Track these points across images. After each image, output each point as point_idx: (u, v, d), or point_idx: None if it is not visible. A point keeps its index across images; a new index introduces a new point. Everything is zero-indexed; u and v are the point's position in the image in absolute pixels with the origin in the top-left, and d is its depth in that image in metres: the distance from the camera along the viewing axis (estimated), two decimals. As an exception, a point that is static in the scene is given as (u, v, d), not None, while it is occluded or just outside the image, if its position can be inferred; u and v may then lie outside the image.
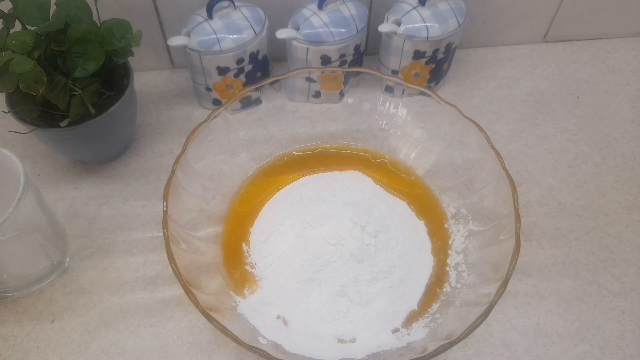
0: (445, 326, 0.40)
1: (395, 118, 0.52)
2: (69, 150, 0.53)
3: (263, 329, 0.41)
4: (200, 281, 0.40)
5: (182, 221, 0.42)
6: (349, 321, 0.41)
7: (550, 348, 0.44)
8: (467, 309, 0.39)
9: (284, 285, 0.43)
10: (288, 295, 0.43)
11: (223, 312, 0.40)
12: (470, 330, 0.36)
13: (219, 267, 0.45)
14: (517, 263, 0.39)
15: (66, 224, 0.51)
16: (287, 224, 0.46)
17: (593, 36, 0.68)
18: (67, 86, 0.45)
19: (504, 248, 0.40)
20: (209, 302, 0.38)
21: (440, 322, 0.41)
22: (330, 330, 0.41)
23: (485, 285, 0.40)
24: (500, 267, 0.39)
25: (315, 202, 0.47)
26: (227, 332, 0.35)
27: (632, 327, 0.45)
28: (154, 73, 0.64)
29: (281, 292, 0.43)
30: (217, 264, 0.45)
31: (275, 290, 0.43)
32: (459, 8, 0.55)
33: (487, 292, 0.38)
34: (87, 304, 0.46)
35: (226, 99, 0.59)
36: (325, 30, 0.53)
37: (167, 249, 0.37)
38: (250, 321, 0.41)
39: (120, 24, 0.47)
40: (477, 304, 0.39)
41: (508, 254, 0.39)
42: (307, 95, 0.52)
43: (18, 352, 0.43)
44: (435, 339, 0.39)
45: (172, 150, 0.57)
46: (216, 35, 0.52)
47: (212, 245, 0.46)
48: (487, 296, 0.38)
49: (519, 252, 0.39)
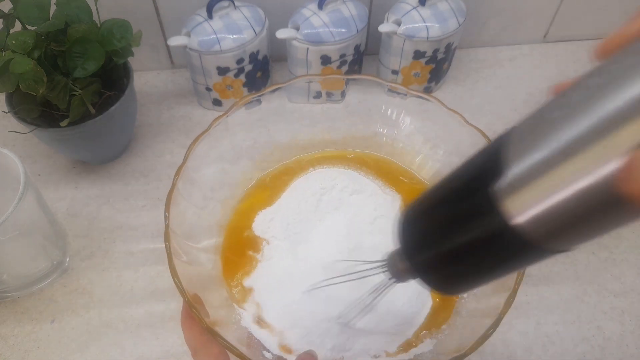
0: (453, 338, 0.39)
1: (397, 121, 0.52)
2: (69, 150, 0.53)
3: (268, 343, 0.41)
4: (204, 294, 0.39)
5: (182, 232, 0.41)
6: (349, 340, 0.41)
7: (550, 348, 0.44)
8: (475, 319, 0.39)
9: (282, 303, 0.42)
10: (286, 314, 0.42)
11: (227, 325, 0.40)
12: (480, 342, 0.35)
13: (220, 279, 0.44)
14: (525, 272, 0.37)
15: (66, 224, 0.51)
16: (281, 242, 0.45)
17: (593, 36, 0.68)
18: (67, 86, 0.45)
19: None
20: (213, 315, 0.37)
21: (447, 333, 0.41)
22: (329, 346, 0.41)
23: (493, 296, 0.39)
24: (508, 276, 0.39)
25: (312, 210, 0.46)
26: (232, 348, 0.34)
27: (632, 327, 0.45)
28: (154, 73, 0.64)
29: (279, 310, 0.42)
30: (218, 276, 0.44)
31: (273, 308, 0.42)
32: (459, 8, 0.55)
33: (495, 303, 0.38)
34: (87, 304, 0.46)
35: (226, 99, 0.59)
36: (325, 30, 0.53)
37: (169, 262, 0.36)
38: (255, 335, 0.41)
39: (120, 24, 0.47)
40: (484, 315, 0.38)
41: None
42: (308, 96, 0.52)
43: (18, 352, 0.43)
44: (442, 351, 0.38)
45: (172, 150, 0.57)
46: (216, 35, 0.52)
47: (213, 256, 0.45)
48: (495, 307, 0.37)
49: None
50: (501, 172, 0.18)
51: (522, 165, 0.17)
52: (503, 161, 0.18)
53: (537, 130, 0.18)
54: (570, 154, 0.16)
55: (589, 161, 0.16)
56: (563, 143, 0.16)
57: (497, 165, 0.18)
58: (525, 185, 0.17)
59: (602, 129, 0.16)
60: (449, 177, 0.21)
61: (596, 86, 0.17)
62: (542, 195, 0.17)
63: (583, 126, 0.16)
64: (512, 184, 0.17)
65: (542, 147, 0.17)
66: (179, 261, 0.37)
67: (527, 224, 0.17)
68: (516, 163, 0.18)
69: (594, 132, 0.16)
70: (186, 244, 0.41)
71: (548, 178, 0.17)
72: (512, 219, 0.18)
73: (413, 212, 0.23)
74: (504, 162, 0.18)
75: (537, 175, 0.17)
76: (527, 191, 0.17)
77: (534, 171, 0.17)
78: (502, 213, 0.18)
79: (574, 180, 0.16)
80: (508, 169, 0.18)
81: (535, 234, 0.17)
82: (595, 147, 0.16)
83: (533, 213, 0.17)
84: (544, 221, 0.17)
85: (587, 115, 0.16)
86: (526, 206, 0.17)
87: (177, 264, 0.37)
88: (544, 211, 0.17)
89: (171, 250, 0.37)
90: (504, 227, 0.18)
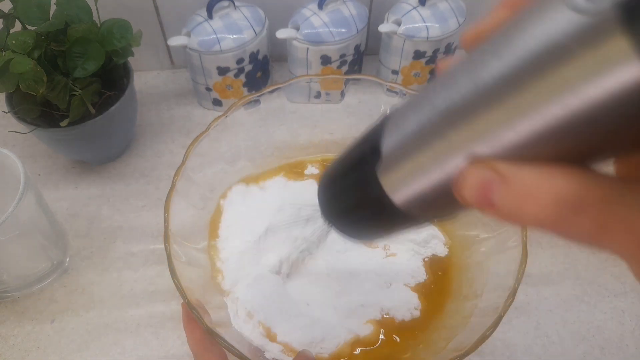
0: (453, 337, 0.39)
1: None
2: (69, 150, 0.53)
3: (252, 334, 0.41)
4: (204, 295, 0.39)
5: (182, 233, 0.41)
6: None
7: (550, 348, 0.44)
8: (475, 319, 0.39)
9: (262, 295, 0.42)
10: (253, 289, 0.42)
11: (227, 326, 0.40)
12: (480, 342, 0.35)
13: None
14: (525, 272, 0.37)
15: (66, 224, 0.51)
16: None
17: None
18: (67, 86, 0.45)
19: (511, 256, 0.39)
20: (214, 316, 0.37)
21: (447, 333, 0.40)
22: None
23: (493, 296, 0.39)
24: (508, 276, 0.38)
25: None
26: (232, 349, 0.34)
27: (632, 327, 0.45)
28: (154, 73, 0.64)
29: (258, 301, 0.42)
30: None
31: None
32: (459, 8, 0.55)
33: (494, 303, 0.38)
34: (87, 304, 0.46)
35: (226, 99, 0.59)
36: (325, 30, 0.53)
37: (169, 264, 0.36)
38: (238, 329, 0.41)
39: (120, 24, 0.47)
40: (484, 315, 0.38)
41: (515, 263, 0.38)
42: (309, 96, 0.52)
43: (18, 352, 0.43)
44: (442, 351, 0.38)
45: (172, 150, 0.57)
46: (216, 35, 0.52)
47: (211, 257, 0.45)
48: (495, 307, 0.37)
49: (526, 262, 0.38)
50: (379, 153, 0.20)
51: (390, 148, 0.20)
52: (381, 142, 0.21)
53: (404, 115, 0.20)
54: (422, 144, 0.18)
55: (435, 153, 0.18)
56: (418, 131, 0.18)
57: (377, 144, 0.21)
58: (393, 167, 0.20)
59: (447, 125, 0.17)
60: (350, 150, 0.24)
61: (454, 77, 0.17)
62: (402, 177, 0.20)
63: (434, 115, 0.17)
64: (385, 164, 0.20)
65: (404, 132, 0.19)
66: (178, 262, 0.37)
67: (397, 199, 0.20)
68: (386, 146, 0.20)
69: (440, 125, 0.17)
70: (185, 244, 0.41)
71: (405, 163, 0.19)
72: (389, 193, 0.21)
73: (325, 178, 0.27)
74: (381, 143, 0.20)
75: (399, 159, 0.20)
76: (394, 172, 0.20)
77: (396, 156, 0.20)
78: (381, 186, 0.21)
79: (424, 168, 0.18)
80: (382, 150, 0.20)
81: (405, 205, 0.20)
82: (441, 142, 0.17)
83: (399, 190, 0.20)
84: (407, 197, 0.20)
85: (436, 107, 0.17)
86: (393, 183, 0.20)
87: (176, 265, 0.37)
88: (405, 189, 0.20)
89: (171, 251, 0.37)
90: (383, 196, 0.21)
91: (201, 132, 0.43)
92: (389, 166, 0.20)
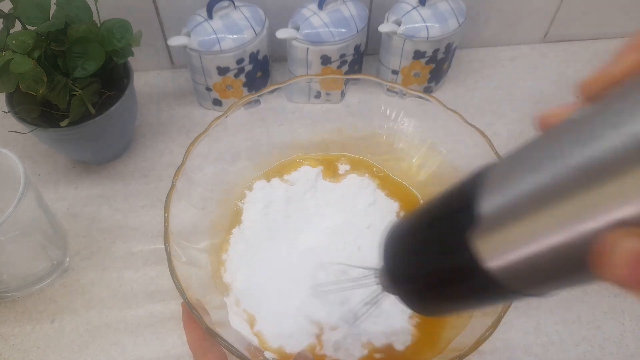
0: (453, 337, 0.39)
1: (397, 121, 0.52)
2: (69, 150, 0.53)
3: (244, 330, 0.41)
4: (204, 295, 0.39)
5: (182, 233, 0.41)
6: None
7: (550, 348, 0.44)
8: (475, 319, 0.38)
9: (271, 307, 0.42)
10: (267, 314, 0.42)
11: (227, 326, 0.40)
12: (480, 342, 0.35)
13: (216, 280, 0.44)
14: None
15: (66, 224, 0.51)
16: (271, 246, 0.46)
17: (593, 36, 0.68)
18: (67, 86, 0.45)
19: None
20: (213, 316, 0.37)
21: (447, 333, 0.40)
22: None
23: None
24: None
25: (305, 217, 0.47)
26: (232, 348, 0.34)
27: (632, 327, 0.45)
28: (154, 73, 0.64)
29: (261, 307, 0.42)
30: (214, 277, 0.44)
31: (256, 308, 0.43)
32: (459, 8, 0.55)
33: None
34: (87, 304, 0.46)
35: (226, 99, 0.59)
36: (325, 30, 0.53)
37: (169, 264, 0.36)
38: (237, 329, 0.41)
39: (120, 24, 0.47)
40: (484, 315, 0.37)
41: None
42: (308, 96, 0.52)
43: (18, 352, 0.43)
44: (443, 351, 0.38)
45: (172, 150, 0.57)
46: (216, 35, 0.52)
47: (211, 257, 0.45)
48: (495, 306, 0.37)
49: None
50: (475, 215, 0.17)
51: (496, 210, 0.17)
52: (478, 202, 0.17)
53: (514, 173, 0.17)
54: (543, 206, 0.15)
55: (562, 219, 0.15)
56: (538, 192, 0.15)
57: (472, 205, 0.18)
58: (497, 232, 0.17)
59: (581, 187, 0.14)
60: (430, 206, 0.21)
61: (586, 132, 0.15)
62: (511, 244, 0.16)
63: (563, 177, 0.15)
64: (485, 227, 0.17)
65: (516, 192, 0.16)
66: (178, 262, 0.37)
67: (496, 268, 0.17)
68: (490, 207, 0.17)
69: (572, 186, 0.14)
70: (185, 244, 0.41)
71: (518, 228, 0.16)
72: (483, 260, 0.17)
73: (395, 234, 0.23)
74: (479, 204, 0.17)
75: (508, 224, 0.16)
76: (498, 237, 0.17)
77: (505, 219, 0.16)
78: (474, 253, 0.18)
79: (544, 236, 0.15)
80: (482, 212, 0.17)
81: (505, 278, 0.17)
82: (572, 206, 0.14)
83: (502, 258, 0.17)
84: (512, 268, 0.17)
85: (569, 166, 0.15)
86: (496, 251, 0.17)
87: (176, 265, 0.37)
88: (512, 259, 0.16)
89: (171, 251, 0.37)
90: (475, 267, 0.18)
91: (201, 132, 0.43)
92: (491, 229, 0.17)
